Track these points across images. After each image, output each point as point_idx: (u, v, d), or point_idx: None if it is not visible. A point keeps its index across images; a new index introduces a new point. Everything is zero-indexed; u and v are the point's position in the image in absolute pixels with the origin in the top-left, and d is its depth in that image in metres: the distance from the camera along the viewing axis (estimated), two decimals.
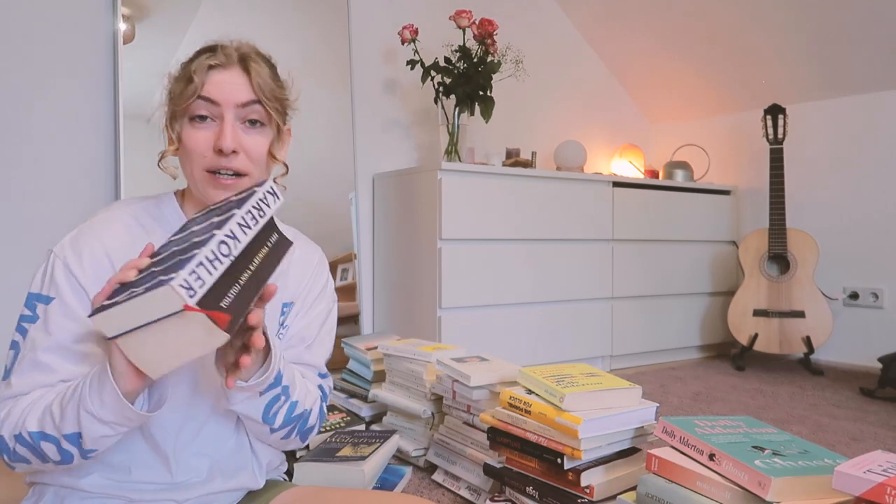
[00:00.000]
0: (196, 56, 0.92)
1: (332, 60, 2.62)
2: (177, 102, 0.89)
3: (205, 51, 0.92)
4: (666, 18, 3.07)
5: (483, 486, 1.37)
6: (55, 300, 0.85)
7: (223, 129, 0.87)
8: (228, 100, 0.89)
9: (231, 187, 0.90)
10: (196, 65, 0.89)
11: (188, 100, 0.87)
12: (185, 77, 0.89)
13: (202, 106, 0.88)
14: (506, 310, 2.47)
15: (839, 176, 2.95)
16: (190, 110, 0.88)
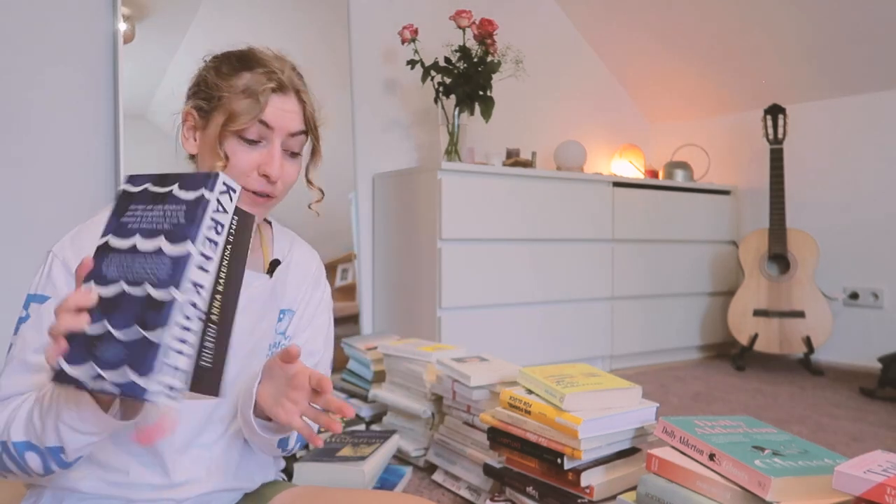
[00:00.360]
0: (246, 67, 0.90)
1: (332, 60, 2.62)
2: (234, 119, 0.88)
3: (259, 67, 0.90)
4: (666, 18, 3.07)
5: (483, 486, 1.37)
6: (50, 299, 0.83)
7: (273, 156, 0.89)
8: (283, 127, 0.90)
9: (263, 206, 0.92)
10: (258, 85, 0.88)
11: (249, 122, 0.88)
12: (250, 97, 0.88)
13: (257, 129, 0.88)
14: (506, 310, 2.47)
15: (839, 176, 2.95)
16: (244, 131, 0.88)
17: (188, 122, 0.93)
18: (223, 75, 0.90)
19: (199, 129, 0.92)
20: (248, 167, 0.89)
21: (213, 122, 0.90)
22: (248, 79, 0.89)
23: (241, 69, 0.91)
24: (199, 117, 0.91)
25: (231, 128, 0.87)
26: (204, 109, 0.91)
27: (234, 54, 0.93)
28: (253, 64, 0.91)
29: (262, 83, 0.89)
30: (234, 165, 0.88)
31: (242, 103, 0.88)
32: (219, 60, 0.93)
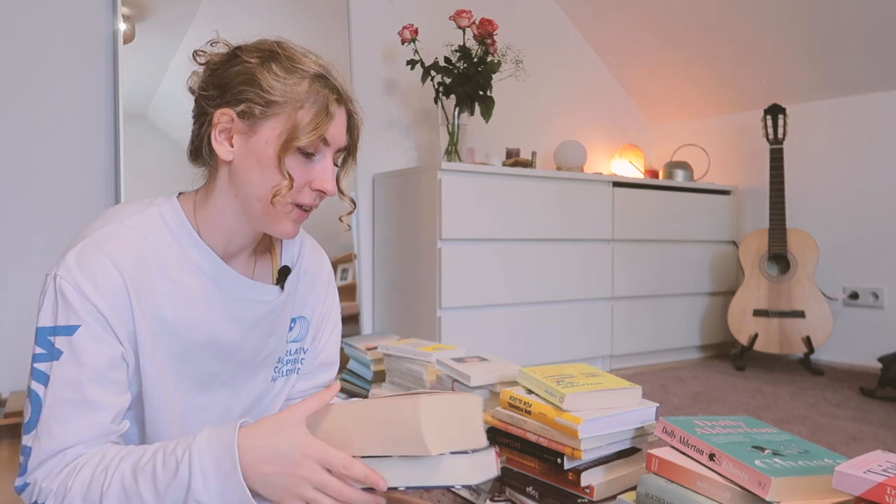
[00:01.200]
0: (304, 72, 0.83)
1: (332, 60, 2.62)
2: (300, 134, 0.81)
3: (315, 71, 0.85)
4: (666, 19, 3.07)
5: (483, 486, 1.36)
6: (80, 327, 0.76)
7: (328, 171, 0.86)
8: (337, 143, 0.87)
9: (305, 220, 0.89)
10: (323, 97, 0.83)
11: (318, 139, 0.83)
12: (317, 109, 0.83)
13: (316, 143, 0.84)
14: (506, 310, 2.47)
15: (839, 176, 2.95)
16: (307, 144, 0.82)
17: (222, 123, 0.83)
18: (279, 78, 0.82)
19: (241, 134, 0.83)
20: (302, 183, 0.84)
21: (263, 130, 0.82)
22: (309, 87, 0.83)
23: (297, 73, 0.83)
24: (243, 122, 0.82)
25: (296, 143, 0.81)
26: (253, 115, 0.82)
27: (279, 53, 0.84)
28: (307, 67, 0.84)
29: (325, 94, 0.84)
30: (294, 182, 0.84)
31: (307, 116, 0.82)
32: (263, 57, 0.83)
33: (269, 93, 0.81)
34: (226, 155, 0.84)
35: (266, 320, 0.91)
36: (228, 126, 0.83)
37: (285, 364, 0.98)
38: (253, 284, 0.90)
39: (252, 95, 0.81)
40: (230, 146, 0.84)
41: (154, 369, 0.82)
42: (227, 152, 0.84)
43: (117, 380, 0.79)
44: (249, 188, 0.83)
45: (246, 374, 0.91)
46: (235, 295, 0.88)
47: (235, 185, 0.85)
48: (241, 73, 0.82)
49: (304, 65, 0.84)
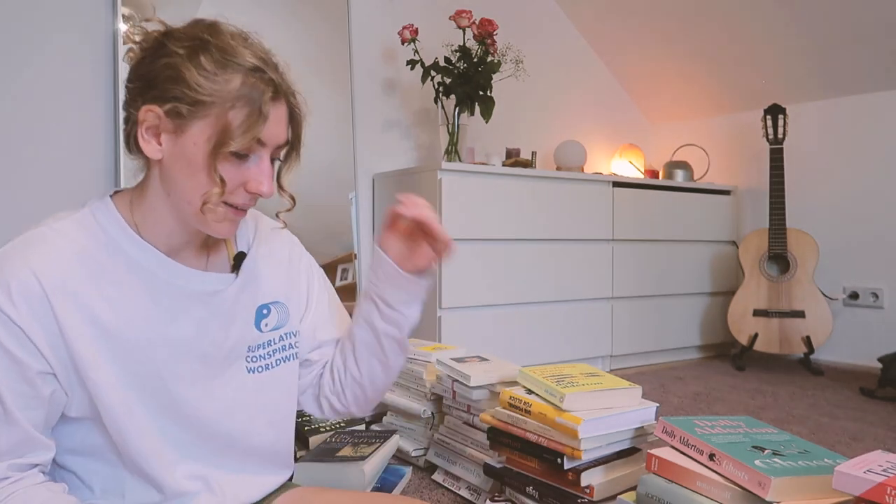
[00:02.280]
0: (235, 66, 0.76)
1: (332, 60, 2.62)
2: (231, 137, 0.75)
3: (249, 63, 0.77)
4: (666, 19, 3.07)
5: (483, 486, 1.37)
6: None
7: (265, 173, 0.80)
8: (274, 141, 0.80)
9: (240, 219, 0.83)
10: (257, 94, 0.76)
11: (250, 142, 0.76)
12: (249, 109, 0.76)
13: (249, 145, 0.77)
14: (506, 310, 2.47)
15: (839, 176, 2.95)
16: (240, 148, 0.76)
17: (148, 120, 0.77)
18: (208, 74, 0.75)
19: (169, 133, 0.77)
20: (236, 185, 0.79)
21: (191, 131, 0.76)
22: (241, 83, 0.76)
23: (229, 67, 0.76)
24: (171, 120, 0.76)
25: (227, 148, 0.75)
26: (181, 115, 0.75)
27: (210, 42, 0.77)
28: (241, 60, 0.77)
29: (259, 90, 0.76)
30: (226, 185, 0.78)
31: (239, 116, 0.75)
32: (191, 48, 0.76)
33: (196, 91, 0.74)
34: (154, 154, 0.78)
35: (223, 310, 0.87)
36: (155, 123, 0.77)
37: (264, 353, 0.93)
38: (204, 276, 0.86)
39: (178, 94, 0.75)
40: (158, 144, 0.78)
41: (100, 376, 0.78)
42: (156, 151, 0.78)
43: (33, 393, 0.76)
44: (179, 190, 0.79)
45: (215, 370, 0.87)
46: (185, 289, 0.84)
47: (167, 185, 0.80)
48: (167, 67, 0.76)
49: (238, 56, 0.77)
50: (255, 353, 0.92)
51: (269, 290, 0.93)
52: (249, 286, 0.91)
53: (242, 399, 0.90)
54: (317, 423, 1.55)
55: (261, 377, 0.92)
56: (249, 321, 0.91)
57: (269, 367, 0.93)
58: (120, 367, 0.80)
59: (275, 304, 0.94)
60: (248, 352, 0.91)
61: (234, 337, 0.89)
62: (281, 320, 0.95)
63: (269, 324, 0.93)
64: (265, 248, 0.95)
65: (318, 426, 1.53)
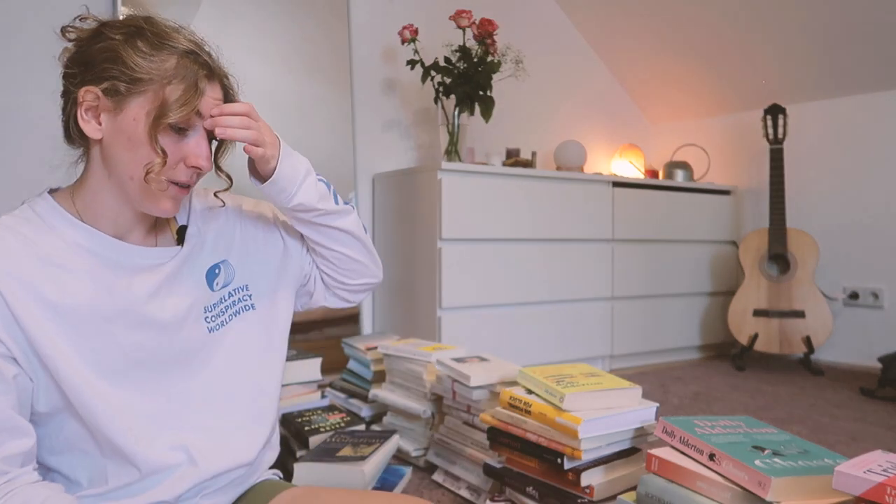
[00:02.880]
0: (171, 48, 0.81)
1: (332, 60, 2.62)
2: (169, 110, 0.80)
3: (184, 47, 0.82)
4: (666, 19, 3.07)
5: (483, 486, 1.37)
6: None
7: (203, 147, 0.84)
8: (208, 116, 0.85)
9: (184, 197, 0.87)
10: (192, 72, 0.81)
11: (188, 114, 0.81)
12: (186, 85, 0.81)
13: (189, 118, 0.82)
14: (506, 310, 2.47)
15: (839, 176, 2.95)
16: (178, 120, 0.81)
17: (87, 101, 0.81)
18: (145, 55, 0.80)
19: (108, 112, 0.81)
20: (176, 159, 0.83)
21: (130, 108, 0.80)
22: (177, 63, 0.81)
23: (164, 49, 0.81)
24: (109, 99, 0.80)
25: (166, 120, 0.79)
26: (119, 92, 0.80)
27: (145, 29, 0.82)
28: (175, 43, 0.82)
29: (195, 70, 0.82)
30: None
31: (176, 92, 0.80)
32: (127, 34, 0.82)
33: (134, 70, 0.79)
34: (94, 133, 0.82)
35: (173, 278, 0.90)
36: (94, 104, 0.81)
37: (219, 311, 0.95)
38: (151, 251, 0.89)
39: (116, 73, 0.79)
40: (98, 124, 0.82)
41: (59, 357, 0.79)
42: (96, 130, 0.82)
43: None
44: (122, 167, 0.82)
45: (176, 336, 0.89)
46: (132, 265, 0.86)
47: (108, 165, 0.84)
48: (104, 49, 0.81)
49: (173, 41, 0.82)
50: (212, 313, 0.94)
51: (214, 250, 0.96)
52: (196, 252, 0.94)
53: (209, 358, 0.92)
54: (317, 424, 1.55)
55: (219, 334, 0.94)
56: (201, 283, 0.94)
57: (224, 324, 0.95)
58: (79, 346, 0.81)
59: (222, 262, 0.97)
60: (205, 312, 0.93)
61: (188, 301, 0.91)
62: (228, 277, 0.97)
63: (219, 282, 0.96)
64: (200, 214, 0.97)
65: (318, 426, 1.53)
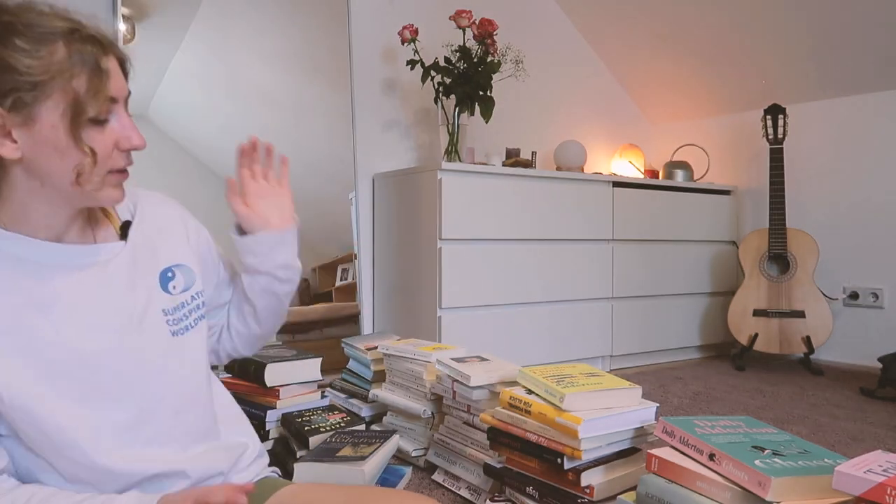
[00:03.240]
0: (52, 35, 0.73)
1: (332, 60, 2.62)
2: (85, 104, 0.74)
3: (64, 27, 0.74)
4: (666, 19, 3.07)
5: (483, 486, 1.37)
6: None
7: (129, 127, 0.80)
8: (122, 94, 0.80)
9: (125, 181, 0.84)
10: (88, 54, 0.74)
11: (105, 101, 0.76)
12: (88, 71, 0.74)
13: (106, 106, 0.77)
14: (506, 310, 2.47)
15: (839, 176, 2.95)
16: (98, 112, 0.76)
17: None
18: (30, 53, 0.72)
19: (20, 128, 0.74)
20: (108, 150, 0.79)
21: (42, 115, 0.73)
22: (67, 49, 0.73)
23: (46, 39, 0.73)
24: (15, 114, 0.73)
25: (85, 116, 0.74)
26: (25, 104, 0.72)
27: (14, 23, 0.73)
28: (52, 28, 0.74)
29: (89, 50, 0.75)
30: (99, 154, 0.78)
31: (83, 82, 0.74)
32: (3, 34, 0.72)
33: (29, 74, 0.71)
34: (12, 154, 0.75)
35: (120, 276, 0.86)
36: (1, 123, 0.73)
37: (182, 315, 0.92)
38: (91, 248, 0.85)
39: (13, 84, 0.71)
40: (13, 143, 0.74)
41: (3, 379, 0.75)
42: (12, 150, 0.74)
43: None
44: (57, 177, 0.77)
45: (136, 339, 0.85)
46: (74, 265, 0.83)
47: (38, 177, 0.77)
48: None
49: (49, 25, 0.74)
50: (174, 317, 0.91)
51: (168, 253, 0.94)
52: (144, 251, 0.91)
53: (172, 364, 0.89)
54: (317, 424, 1.55)
55: (185, 339, 0.92)
56: (154, 285, 0.90)
57: (189, 328, 0.93)
58: (28, 362, 0.77)
59: (178, 266, 0.94)
60: (166, 315, 0.90)
61: (141, 302, 0.87)
62: (188, 281, 0.95)
63: (177, 286, 0.93)
64: (151, 212, 0.95)
65: (318, 426, 1.53)
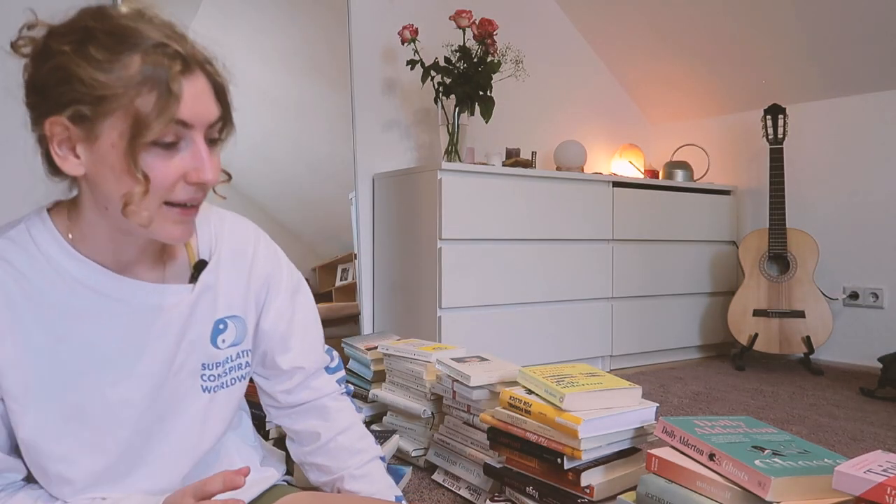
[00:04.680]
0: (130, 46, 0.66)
1: (332, 60, 2.62)
2: (145, 126, 0.66)
3: (146, 41, 0.67)
4: (666, 18, 3.07)
5: (483, 486, 1.37)
6: None
7: (202, 158, 0.70)
8: (202, 121, 0.70)
9: (193, 218, 0.74)
10: (161, 70, 0.66)
11: (167, 125, 0.67)
12: (157, 89, 0.66)
13: (173, 130, 0.68)
14: (506, 310, 2.47)
15: (839, 176, 2.95)
16: (158, 136, 0.67)
17: (57, 135, 0.69)
18: (101, 65, 0.66)
19: (83, 142, 0.68)
20: (172, 180, 0.69)
21: (105, 131, 0.67)
22: (140, 63, 0.66)
23: (123, 50, 0.66)
24: (78, 127, 0.67)
25: (143, 140, 0.66)
26: (86, 117, 0.66)
27: (96, 29, 0.67)
28: (136, 39, 0.67)
29: (163, 66, 0.66)
30: (156, 182, 0.68)
31: (148, 101, 0.66)
32: (76, 41, 0.67)
33: (93, 87, 0.65)
34: (74, 170, 0.70)
35: (177, 325, 0.79)
36: (65, 135, 0.69)
37: (220, 372, 0.85)
38: (158, 288, 0.78)
39: (75, 95, 0.66)
40: (76, 157, 0.69)
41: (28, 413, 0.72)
42: (76, 166, 0.69)
43: None
44: (112, 203, 0.70)
45: (165, 395, 0.80)
46: (135, 304, 0.76)
47: (101, 198, 0.71)
48: (55, 69, 0.68)
49: (133, 36, 0.67)
50: (212, 373, 0.84)
51: (227, 301, 0.85)
52: (206, 297, 0.83)
53: (195, 427, 0.84)
54: None
55: (216, 396, 0.85)
56: (205, 336, 0.83)
57: (224, 386, 0.86)
58: (56, 400, 0.74)
59: (232, 318, 0.86)
60: (203, 370, 0.83)
61: (184, 353, 0.81)
62: (238, 336, 0.87)
63: (226, 340, 0.85)
64: (229, 252, 0.86)
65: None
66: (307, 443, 0.98)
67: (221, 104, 0.73)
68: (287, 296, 0.94)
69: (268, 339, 0.92)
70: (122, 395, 0.77)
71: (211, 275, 0.84)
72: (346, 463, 0.97)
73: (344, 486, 0.96)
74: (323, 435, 0.97)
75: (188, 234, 0.75)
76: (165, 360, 0.79)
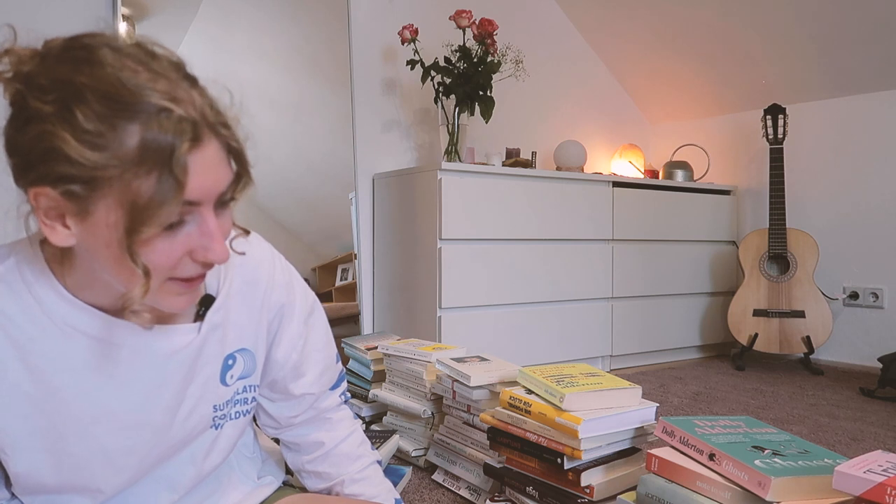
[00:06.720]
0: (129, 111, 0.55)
1: (332, 60, 2.62)
2: (144, 216, 0.56)
3: (149, 104, 0.55)
4: (666, 18, 3.07)
5: (483, 486, 1.37)
6: None
7: (211, 235, 0.61)
8: (210, 195, 0.61)
9: (197, 287, 0.66)
10: (166, 144, 0.55)
11: (170, 212, 0.57)
12: (168, 176, 0.56)
13: (178, 211, 0.58)
14: (506, 310, 2.47)
15: (839, 176, 2.95)
16: (161, 225, 0.58)
17: (42, 205, 0.59)
18: (92, 137, 0.54)
19: (74, 217, 0.58)
20: (176, 259, 0.61)
21: (99, 211, 0.57)
22: (139, 136, 0.55)
23: (119, 117, 0.55)
24: (69, 202, 0.57)
25: (141, 236, 0.57)
26: (77, 195, 0.56)
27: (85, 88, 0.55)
28: (135, 102, 0.55)
29: (166, 141, 0.55)
30: (158, 264, 0.60)
31: (148, 186, 0.55)
32: (62, 104, 0.55)
33: (82, 167, 0.55)
34: (63, 241, 0.60)
35: (182, 369, 0.73)
36: (53, 205, 0.58)
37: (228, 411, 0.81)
38: (159, 331, 0.71)
39: (62, 172, 0.55)
40: (65, 227, 0.59)
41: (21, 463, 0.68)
42: (66, 237, 0.59)
43: None
44: (109, 273, 0.62)
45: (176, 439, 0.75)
46: (136, 349, 0.70)
47: (95, 264, 0.63)
48: (38, 138, 0.55)
49: (131, 99, 0.55)
50: (222, 412, 0.80)
51: (237, 334, 0.79)
52: (214, 336, 0.76)
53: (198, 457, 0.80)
54: None
55: (222, 430, 0.82)
56: (215, 377, 0.77)
57: (229, 418, 0.82)
58: (50, 451, 0.69)
59: (241, 351, 0.80)
60: (216, 411, 0.79)
61: (192, 399, 0.75)
62: (247, 369, 0.82)
63: (234, 375, 0.80)
64: (240, 281, 0.79)
65: None
66: (309, 452, 0.97)
67: (238, 163, 0.64)
68: (300, 322, 0.89)
69: (279, 369, 0.89)
70: (123, 445, 0.72)
71: (219, 314, 0.76)
72: (346, 469, 0.97)
73: (344, 490, 0.95)
74: (326, 444, 0.96)
75: (193, 301, 0.69)
76: (171, 407, 0.74)
